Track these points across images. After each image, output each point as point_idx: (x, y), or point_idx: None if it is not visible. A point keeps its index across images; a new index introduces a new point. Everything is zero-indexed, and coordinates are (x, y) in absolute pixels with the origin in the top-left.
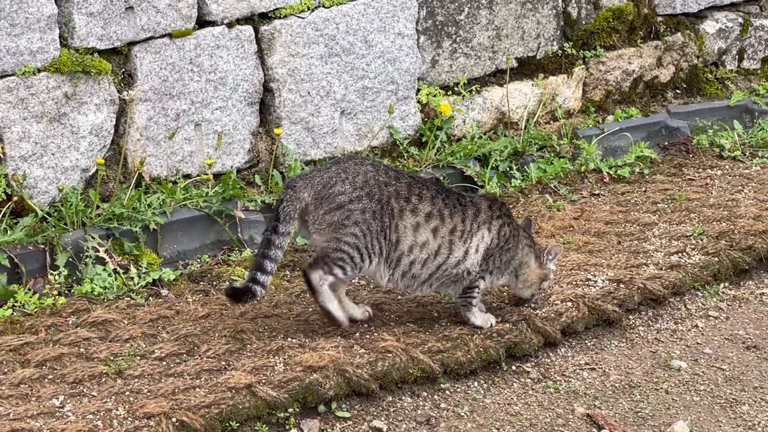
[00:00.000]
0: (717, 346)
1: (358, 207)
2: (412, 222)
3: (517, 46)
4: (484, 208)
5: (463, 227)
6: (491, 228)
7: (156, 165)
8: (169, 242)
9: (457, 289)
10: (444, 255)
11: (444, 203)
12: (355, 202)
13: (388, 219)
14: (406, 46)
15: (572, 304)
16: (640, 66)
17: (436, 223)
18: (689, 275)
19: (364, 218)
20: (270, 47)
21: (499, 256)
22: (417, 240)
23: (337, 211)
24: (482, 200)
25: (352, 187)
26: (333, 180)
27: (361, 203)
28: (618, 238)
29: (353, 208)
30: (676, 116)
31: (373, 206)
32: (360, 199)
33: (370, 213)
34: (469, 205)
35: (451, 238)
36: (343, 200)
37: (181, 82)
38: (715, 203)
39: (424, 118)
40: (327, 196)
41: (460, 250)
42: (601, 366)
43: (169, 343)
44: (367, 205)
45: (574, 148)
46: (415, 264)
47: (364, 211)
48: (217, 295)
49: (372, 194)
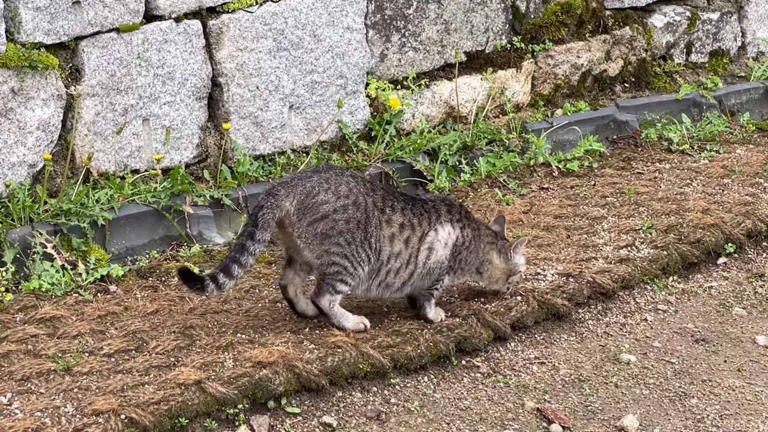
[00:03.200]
0: (666, 339)
1: (343, 217)
2: (388, 233)
3: (466, 40)
4: (444, 212)
5: (428, 229)
6: (454, 227)
7: (104, 160)
8: (118, 238)
9: (424, 285)
10: (414, 263)
11: (412, 212)
12: (340, 212)
13: (373, 228)
14: (354, 40)
15: (522, 299)
16: (588, 60)
17: (408, 234)
18: (638, 269)
19: (348, 228)
20: (218, 42)
21: (462, 256)
22: (393, 250)
23: (322, 221)
24: (442, 204)
25: (335, 196)
26: (316, 189)
27: (346, 213)
28: (567, 231)
29: (338, 218)
30: (625, 110)
31: (358, 216)
32: (345, 208)
33: (355, 223)
34: (432, 210)
35: (419, 246)
36: (327, 210)
37: (128, 76)
38: (663, 197)
39: (373, 112)
40: (310, 206)
41: (426, 252)
42: (551, 360)
43: (118, 340)
44: (353, 214)
45: (523, 142)
46: (391, 273)
47: (348, 221)
48: (165, 291)
49: (357, 203)
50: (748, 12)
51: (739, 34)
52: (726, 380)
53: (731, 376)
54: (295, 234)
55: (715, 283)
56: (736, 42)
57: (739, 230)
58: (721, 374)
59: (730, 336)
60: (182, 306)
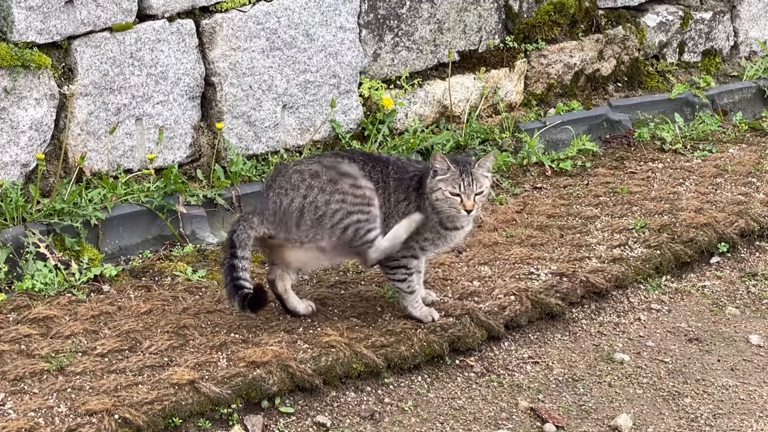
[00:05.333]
0: (659, 338)
1: (314, 194)
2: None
3: (459, 40)
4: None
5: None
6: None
7: (97, 160)
8: (111, 238)
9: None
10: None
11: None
12: (310, 194)
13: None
14: (348, 39)
15: (515, 298)
16: (581, 59)
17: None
18: (631, 268)
19: (325, 192)
20: (211, 41)
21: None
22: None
23: (304, 215)
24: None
25: (294, 189)
26: (279, 198)
27: (314, 189)
28: (561, 231)
29: (311, 199)
30: (618, 109)
31: (323, 184)
32: (310, 188)
33: (328, 186)
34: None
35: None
36: (299, 203)
37: (121, 76)
38: (656, 196)
39: (366, 111)
40: (284, 215)
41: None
42: (545, 359)
43: (111, 340)
44: (319, 185)
45: (516, 142)
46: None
47: (321, 189)
48: (159, 290)
49: (316, 175)
50: (740, 11)
51: (732, 34)
52: (719, 379)
53: (724, 375)
54: (299, 245)
55: (708, 282)
56: (729, 41)
57: (732, 229)
58: (714, 373)
59: (723, 335)
60: (175, 306)
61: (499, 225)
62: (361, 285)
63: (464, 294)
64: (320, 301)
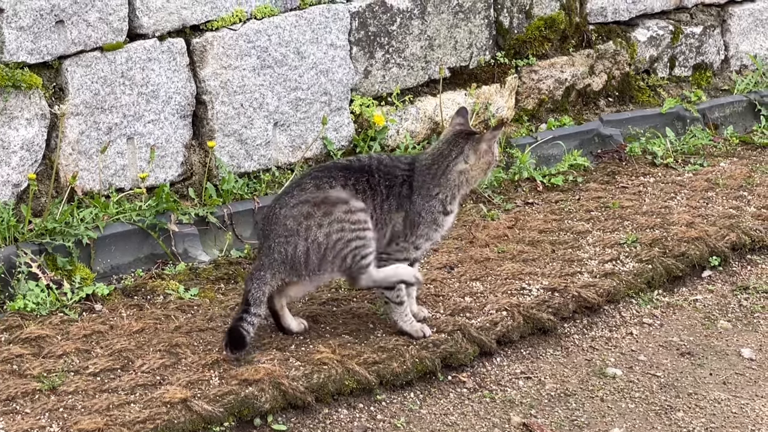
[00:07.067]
0: (651, 353)
1: (311, 233)
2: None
3: (450, 56)
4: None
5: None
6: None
7: (88, 179)
8: (103, 257)
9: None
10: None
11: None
12: (308, 232)
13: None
14: (338, 57)
15: (507, 313)
16: (572, 74)
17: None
18: (623, 283)
19: (320, 227)
20: (202, 59)
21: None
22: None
23: (308, 254)
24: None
25: (289, 232)
26: (283, 248)
27: (311, 228)
28: (552, 246)
29: (312, 237)
30: (609, 124)
31: (314, 214)
32: (309, 228)
33: (320, 220)
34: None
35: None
36: (302, 247)
37: (113, 95)
38: (648, 210)
39: (357, 128)
40: (295, 260)
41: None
42: (537, 375)
43: (103, 359)
44: (313, 218)
45: (508, 157)
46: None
47: (319, 225)
48: (151, 309)
49: (306, 215)
50: (731, 26)
51: (723, 48)
52: (712, 393)
53: (717, 389)
54: (308, 280)
55: (700, 296)
56: (720, 55)
57: (723, 243)
58: (706, 387)
59: (715, 349)
60: (168, 324)
61: (491, 240)
62: (353, 302)
63: (456, 310)
64: (312, 318)
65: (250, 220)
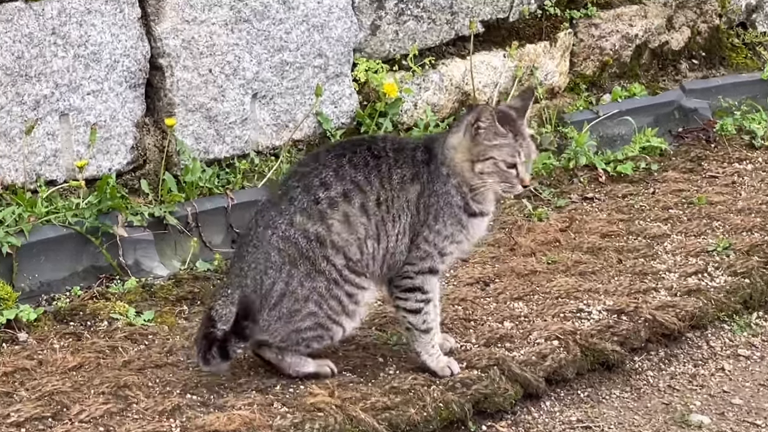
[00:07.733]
0: (749, 395)
1: (297, 289)
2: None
3: (484, 6)
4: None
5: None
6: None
7: (10, 168)
8: (29, 270)
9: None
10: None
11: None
12: (291, 283)
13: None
14: (337, 7)
15: (559, 343)
16: (644, 29)
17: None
18: (712, 302)
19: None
20: (158, 12)
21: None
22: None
23: (282, 302)
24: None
25: (278, 271)
26: (260, 276)
27: (294, 280)
28: (618, 255)
29: (292, 290)
30: (693, 94)
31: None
32: (291, 276)
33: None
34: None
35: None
36: (281, 290)
37: (41, 59)
38: (744, 207)
39: (362, 101)
40: (264, 295)
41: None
42: (599, 424)
43: (30, 404)
44: (303, 281)
45: (561, 138)
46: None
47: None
48: (92, 339)
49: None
50: None
51: None
52: None
53: None
54: (263, 321)
55: None
56: None
57: None
58: None
59: None
60: (114, 359)
61: (538, 248)
62: (358, 329)
63: (492, 339)
64: None
65: (221, 221)
